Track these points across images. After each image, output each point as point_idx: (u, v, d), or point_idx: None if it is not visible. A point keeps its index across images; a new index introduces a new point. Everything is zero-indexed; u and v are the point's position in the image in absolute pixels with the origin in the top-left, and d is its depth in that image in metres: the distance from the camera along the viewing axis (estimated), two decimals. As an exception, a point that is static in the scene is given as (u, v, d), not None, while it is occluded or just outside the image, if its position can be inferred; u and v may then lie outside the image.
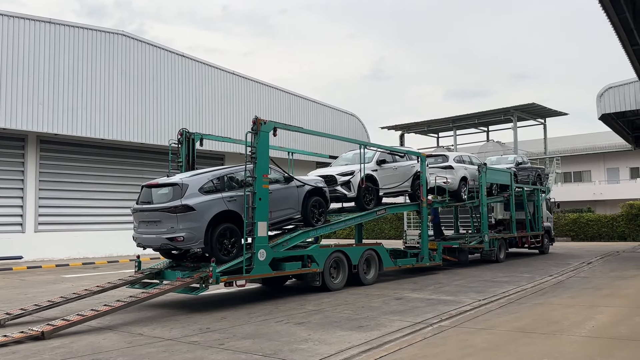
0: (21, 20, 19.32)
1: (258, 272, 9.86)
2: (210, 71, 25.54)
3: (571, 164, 47.58)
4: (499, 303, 9.71)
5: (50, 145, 21.18)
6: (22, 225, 20.30)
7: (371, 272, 12.65)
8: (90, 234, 21.88)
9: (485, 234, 17.96)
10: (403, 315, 8.54)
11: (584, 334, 7.04)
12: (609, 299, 10.16)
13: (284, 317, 8.47)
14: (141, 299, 8.48)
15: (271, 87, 28.62)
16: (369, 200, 13.30)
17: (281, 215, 10.93)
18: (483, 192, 18.00)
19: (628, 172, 47.25)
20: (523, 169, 22.36)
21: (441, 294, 10.89)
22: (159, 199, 9.62)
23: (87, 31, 21.17)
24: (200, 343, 6.79)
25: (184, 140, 11.69)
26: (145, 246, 9.97)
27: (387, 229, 39.75)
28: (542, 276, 14.03)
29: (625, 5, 13.18)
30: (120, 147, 23.07)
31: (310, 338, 6.98)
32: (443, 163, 17.74)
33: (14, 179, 20.30)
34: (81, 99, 20.72)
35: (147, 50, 23.16)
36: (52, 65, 19.97)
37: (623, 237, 32.08)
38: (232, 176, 10.17)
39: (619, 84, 22.79)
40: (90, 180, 22.33)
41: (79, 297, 9.19)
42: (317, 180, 12.12)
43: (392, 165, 14.29)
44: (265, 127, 10.14)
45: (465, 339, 6.83)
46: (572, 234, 33.84)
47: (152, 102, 23.05)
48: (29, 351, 6.47)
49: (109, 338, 7.17)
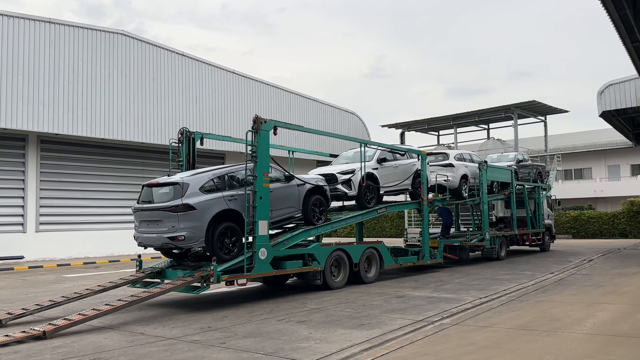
0: (21, 20, 19.32)
1: (259, 270, 9.87)
2: (210, 70, 25.54)
3: (572, 161, 47.57)
4: (500, 301, 9.72)
5: (51, 145, 21.20)
6: (23, 225, 20.33)
7: (372, 271, 12.66)
8: (91, 233, 21.90)
9: (486, 231, 17.96)
10: (404, 313, 8.55)
11: (585, 332, 7.04)
12: (610, 296, 10.16)
13: (285, 316, 8.48)
14: (142, 298, 8.50)
15: (271, 86, 28.61)
16: (369, 199, 13.31)
17: (282, 214, 10.94)
18: (484, 189, 18.01)
19: (629, 169, 47.23)
20: (524, 166, 22.38)
21: (442, 292, 10.90)
22: (160, 198, 9.63)
23: (87, 31, 21.18)
24: (201, 342, 6.80)
25: (185, 139, 11.69)
26: (146, 245, 9.99)
27: (388, 227, 39.75)
28: (543, 274, 14.03)
29: (626, 2, 13.18)
30: (120, 147, 23.09)
31: (311, 336, 6.99)
32: (444, 161, 17.74)
33: (14, 179, 20.32)
34: (81, 98, 20.74)
35: (148, 50, 23.17)
36: (52, 65, 19.98)
37: (624, 234, 32.07)
38: (233, 175, 10.17)
39: (620, 81, 22.76)
40: (91, 179, 22.35)
41: (80, 297, 9.21)
42: (318, 179, 12.12)
43: (392, 164, 14.30)
44: (266, 125, 10.14)
45: (466, 337, 6.84)
46: (573, 232, 33.83)
47: (152, 101, 23.06)
48: (30, 351, 6.48)
49: (110, 337, 7.18)
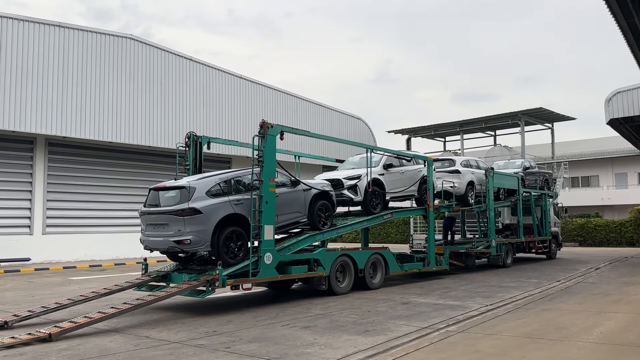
0: (31, 24, 19.49)
1: (264, 275, 9.87)
2: (217, 75, 25.65)
3: (579, 169, 47.35)
4: (506, 308, 9.67)
5: (59, 147, 21.33)
6: (30, 227, 20.43)
7: (377, 277, 12.62)
8: (98, 236, 21.98)
9: (492, 238, 17.89)
10: (409, 320, 8.52)
11: (591, 340, 6.99)
12: (617, 305, 10.08)
13: (290, 321, 8.47)
14: (148, 302, 8.52)
15: (278, 91, 28.69)
16: (375, 204, 13.29)
17: (288, 219, 10.95)
18: (490, 196, 17.95)
19: (636, 177, 46.94)
20: (530, 173, 22.29)
21: (448, 299, 10.85)
22: (167, 201, 9.66)
23: (95, 35, 21.34)
24: (206, 346, 6.80)
25: (192, 143, 11.73)
26: (152, 249, 10.03)
27: (394, 233, 39.68)
28: (550, 281, 13.95)
29: (634, 10, 13.16)
30: (127, 150, 23.19)
31: (316, 342, 6.98)
32: (450, 167, 17.70)
33: (22, 181, 20.45)
34: (89, 101, 20.87)
35: (155, 54, 23.31)
36: (60, 68, 20.13)
37: (631, 242, 31.85)
38: (239, 179, 10.20)
39: (628, 88, 22.65)
40: (98, 182, 22.44)
41: (86, 300, 9.24)
42: (324, 184, 12.13)
43: (398, 170, 14.28)
44: (273, 130, 10.17)
45: (472, 344, 6.81)
46: (580, 239, 33.64)
47: (159, 105, 23.17)
48: (36, 353, 6.50)
49: (115, 340, 7.20)
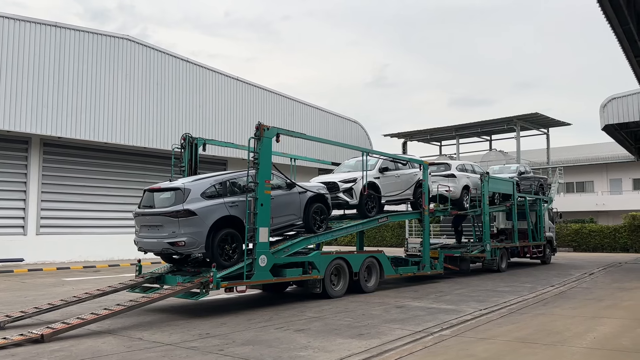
0: (27, 24, 19.45)
1: (259, 278, 9.85)
2: (213, 76, 25.65)
3: (574, 174, 47.54)
4: (500, 313, 9.67)
5: (54, 148, 21.27)
6: (24, 228, 20.33)
7: (372, 280, 12.62)
8: (92, 237, 21.90)
9: (487, 243, 17.91)
10: (404, 323, 8.52)
11: (585, 345, 7.00)
12: (610, 310, 10.12)
13: (284, 324, 8.45)
14: (141, 304, 8.48)
15: (274, 93, 28.71)
16: (370, 208, 13.29)
17: (283, 222, 10.93)
18: (485, 201, 17.98)
19: (631, 183, 47.16)
20: (525, 178, 22.37)
21: (442, 303, 10.85)
22: (161, 203, 9.64)
23: (91, 35, 21.30)
24: (199, 349, 6.77)
25: (187, 145, 11.70)
26: (147, 250, 9.99)
27: (389, 237, 39.69)
28: (544, 286, 13.98)
29: (630, 17, 13.27)
30: (123, 151, 23.14)
31: (310, 345, 6.96)
32: (445, 171, 17.71)
33: (16, 181, 20.36)
34: (85, 102, 20.83)
35: (152, 55, 23.28)
36: (56, 68, 20.09)
37: (625, 248, 31.98)
38: (235, 181, 10.18)
39: (623, 94, 22.81)
40: (93, 183, 22.37)
41: (80, 301, 9.19)
42: (319, 187, 12.12)
43: (394, 173, 14.29)
44: (268, 133, 10.16)
45: (465, 349, 6.80)
46: (574, 245, 33.75)
47: (155, 106, 23.14)
48: (28, 354, 6.46)
49: (108, 342, 7.16)
